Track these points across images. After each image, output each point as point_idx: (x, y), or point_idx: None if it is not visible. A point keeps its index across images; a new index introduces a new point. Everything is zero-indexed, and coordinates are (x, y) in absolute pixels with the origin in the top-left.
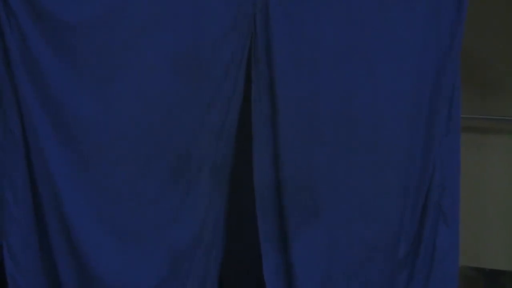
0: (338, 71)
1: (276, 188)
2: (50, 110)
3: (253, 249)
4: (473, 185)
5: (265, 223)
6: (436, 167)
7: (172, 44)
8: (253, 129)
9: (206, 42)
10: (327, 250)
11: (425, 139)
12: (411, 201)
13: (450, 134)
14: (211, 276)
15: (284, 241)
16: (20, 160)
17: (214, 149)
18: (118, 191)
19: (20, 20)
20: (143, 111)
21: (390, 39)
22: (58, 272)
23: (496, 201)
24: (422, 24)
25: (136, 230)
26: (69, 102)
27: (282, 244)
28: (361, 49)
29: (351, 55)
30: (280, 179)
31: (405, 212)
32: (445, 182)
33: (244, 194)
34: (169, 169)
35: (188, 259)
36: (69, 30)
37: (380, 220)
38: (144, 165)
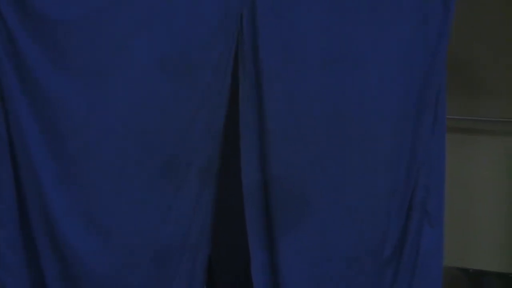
0: (326, 70)
1: (264, 188)
2: (37, 107)
3: (241, 249)
4: (458, 185)
5: (253, 223)
6: (421, 169)
7: (161, 44)
8: (241, 129)
9: (195, 42)
10: (314, 250)
11: (412, 140)
12: (397, 202)
13: (436, 136)
14: (197, 278)
15: (272, 241)
16: (5, 157)
17: (202, 150)
18: (105, 191)
19: (5, 15)
20: (131, 111)
21: (379, 39)
22: (42, 270)
23: (480, 202)
24: (410, 24)
25: (122, 231)
26: (57, 100)
27: (270, 244)
28: (349, 49)
29: (339, 55)
30: (268, 179)
31: (391, 213)
32: (430, 183)
33: (233, 194)
34: (156, 169)
35: (174, 261)
36: (56, 28)
37: (366, 221)
38: (131, 165)
